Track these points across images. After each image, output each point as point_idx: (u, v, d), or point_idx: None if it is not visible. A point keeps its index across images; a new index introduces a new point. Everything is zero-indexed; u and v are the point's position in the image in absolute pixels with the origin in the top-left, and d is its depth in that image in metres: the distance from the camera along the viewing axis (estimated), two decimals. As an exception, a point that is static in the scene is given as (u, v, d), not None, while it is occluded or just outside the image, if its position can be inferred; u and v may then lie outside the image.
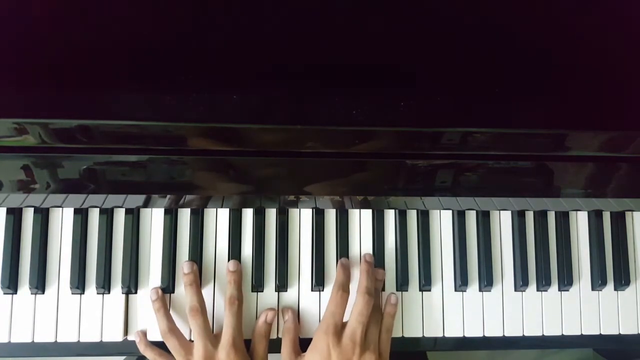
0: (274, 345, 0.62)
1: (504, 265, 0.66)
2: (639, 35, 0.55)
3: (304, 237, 0.64)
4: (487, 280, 0.64)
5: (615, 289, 0.66)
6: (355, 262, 0.64)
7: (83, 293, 0.61)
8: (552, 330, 0.64)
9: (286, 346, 0.60)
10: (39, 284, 0.60)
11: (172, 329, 0.59)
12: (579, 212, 0.67)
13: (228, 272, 0.61)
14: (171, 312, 0.61)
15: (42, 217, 0.61)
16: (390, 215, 0.65)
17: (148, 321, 0.61)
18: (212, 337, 0.59)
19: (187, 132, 0.51)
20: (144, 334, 0.61)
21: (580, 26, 0.56)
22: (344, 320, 0.60)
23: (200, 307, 0.59)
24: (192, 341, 0.59)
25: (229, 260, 0.62)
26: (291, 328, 0.61)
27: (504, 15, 0.55)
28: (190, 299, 0.59)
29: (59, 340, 0.60)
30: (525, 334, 0.64)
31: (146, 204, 0.62)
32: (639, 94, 0.53)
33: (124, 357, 0.77)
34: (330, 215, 0.65)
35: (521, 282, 0.64)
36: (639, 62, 0.54)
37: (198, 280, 0.61)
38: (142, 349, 0.60)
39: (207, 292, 0.62)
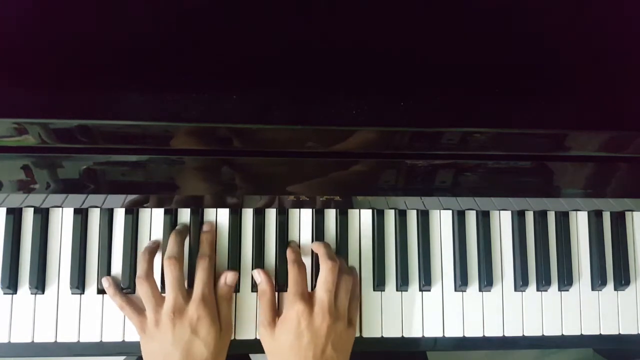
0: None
1: (504, 265, 0.66)
2: (639, 34, 0.55)
3: (304, 237, 0.64)
4: (487, 280, 0.64)
5: (615, 289, 0.66)
6: (354, 263, 0.64)
7: (83, 293, 0.61)
8: (552, 330, 0.64)
9: (262, 309, 0.60)
10: (39, 284, 0.60)
11: (150, 276, 0.59)
12: (579, 212, 0.67)
13: (202, 232, 0.62)
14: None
15: (42, 217, 0.61)
16: (390, 215, 0.65)
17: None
18: (185, 290, 0.58)
19: (187, 132, 0.51)
20: (113, 279, 0.61)
21: (580, 26, 0.56)
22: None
23: (179, 257, 0.59)
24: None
25: (228, 260, 0.62)
26: (266, 290, 0.60)
27: (503, 14, 0.55)
28: (171, 249, 0.59)
29: (59, 340, 0.60)
30: (525, 334, 0.64)
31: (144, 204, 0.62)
32: (639, 94, 0.53)
33: (124, 357, 0.77)
34: (330, 215, 0.65)
35: (521, 282, 0.64)
36: (639, 62, 0.54)
37: (184, 237, 0.61)
38: (112, 294, 0.59)
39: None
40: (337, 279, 0.59)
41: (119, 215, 0.62)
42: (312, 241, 0.64)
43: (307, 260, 0.63)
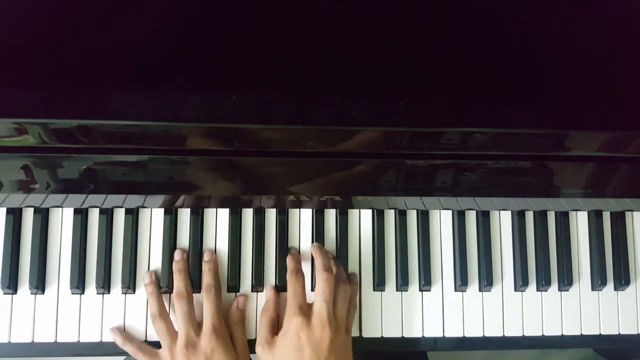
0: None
1: (504, 265, 0.66)
2: (639, 34, 0.55)
3: (304, 237, 0.64)
4: (487, 280, 0.64)
5: (615, 289, 0.66)
6: (354, 265, 0.64)
7: (83, 293, 0.61)
8: (552, 330, 0.64)
9: (262, 326, 0.60)
10: (39, 284, 0.60)
11: (163, 313, 0.59)
12: (579, 212, 0.67)
13: (203, 262, 0.61)
14: (170, 312, 0.61)
15: (42, 217, 0.61)
16: (390, 215, 0.65)
17: (148, 321, 0.61)
18: (196, 324, 0.59)
19: (187, 132, 0.51)
20: (119, 329, 0.60)
21: (581, 26, 0.56)
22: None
23: (187, 292, 0.59)
24: None
25: (228, 259, 0.62)
26: (270, 308, 0.60)
27: (503, 14, 0.55)
28: (177, 285, 0.59)
29: (59, 340, 0.60)
30: (525, 334, 0.64)
31: (144, 204, 0.62)
32: (639, 94, 0.53)
33: (124, 357, 0.77)
34: (330, 215, 0.64)
35: (521, 282, 0.64)
36: (639, 62, 0.54)
37: (187, 268, 0.61)
38: (122, 343, 0.59)
39: (207, 292, 0.62)
40: (335, 289, 0.59)
41: (119, 215, 0.62)
42: (312, 241, 0.64)
43: (308, 266, 0.63)
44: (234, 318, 0.61)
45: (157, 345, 0.60)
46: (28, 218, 0.61)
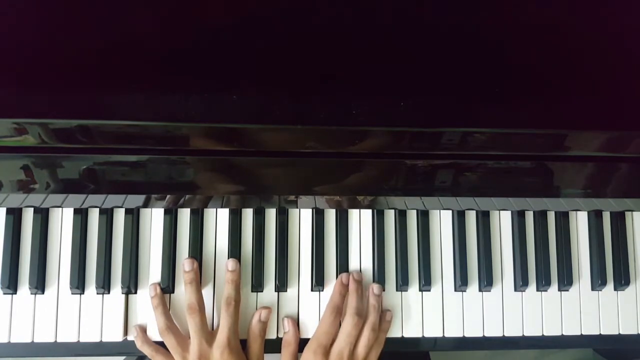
0: (274, 345, 0.62)
1: (503, 265, 0.66)
2: (639, 34, 0.55)
3: (304, 237, 0.64)
4: (487, 280, 0.64)
5: (615, 289, 0.66)
6: (355, 265, 0.64)
7: (83, 293, 0.61)
8: (552, 330, 0.64)
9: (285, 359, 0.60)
10: (39, 284, 0.60)
11: (170, 326, 0.59)
12: (578, 212, 0.67)
13: (227, 271, 0.61)
14: (171, 311, 0.61)
15: (42, 217, 0.61)
16: (390, 215, 0.65)
17: (148, 321, 0.61)
18: (209, 335, 0.59)
19: (187, 132, 0.51)
20: (142, 329, 0.61)
21: (580, 26, 0.56)
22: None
23: (199, 305, 0.59)
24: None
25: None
26: (291, 341, 0.60)
27: (501, 14, 0.55)
28: (190, 297, 0.59)
29: (59, 340, 0.60)
30: (525, 334, 0.64)
31: (146, 204, 0.62)
32: (638, 94, 0.53)
33: (124, 357, 0.77)
34: (330, 215, 0.64)
35: (521, 282, 0.64)
36: (639, 62, 0.54)
37: (198, 279, 0.61)
38: (140, 345, 0.60)
39: (206, 292, 0.62)
40: (361, 331, 0.59)
41: (119, 215, 0.62)
42: (312, 240, 0.64)
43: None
44: (254, 330, 0.60)
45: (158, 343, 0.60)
46: (28, 218, 0.61)
